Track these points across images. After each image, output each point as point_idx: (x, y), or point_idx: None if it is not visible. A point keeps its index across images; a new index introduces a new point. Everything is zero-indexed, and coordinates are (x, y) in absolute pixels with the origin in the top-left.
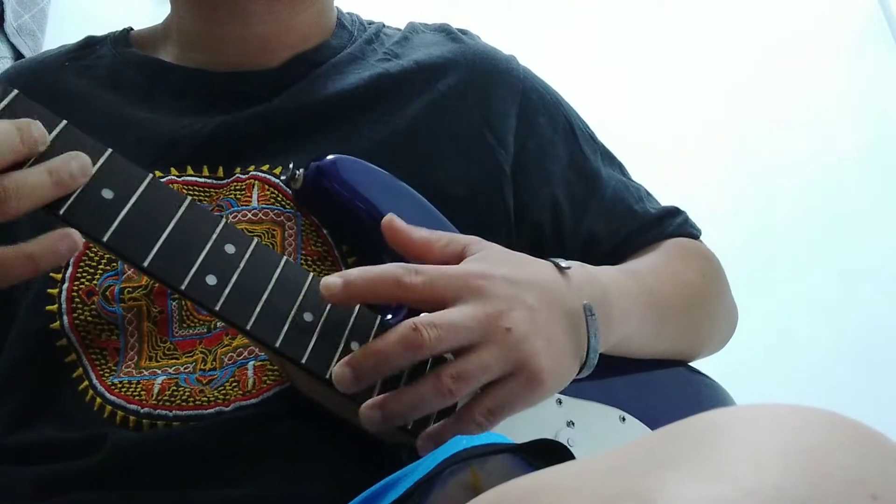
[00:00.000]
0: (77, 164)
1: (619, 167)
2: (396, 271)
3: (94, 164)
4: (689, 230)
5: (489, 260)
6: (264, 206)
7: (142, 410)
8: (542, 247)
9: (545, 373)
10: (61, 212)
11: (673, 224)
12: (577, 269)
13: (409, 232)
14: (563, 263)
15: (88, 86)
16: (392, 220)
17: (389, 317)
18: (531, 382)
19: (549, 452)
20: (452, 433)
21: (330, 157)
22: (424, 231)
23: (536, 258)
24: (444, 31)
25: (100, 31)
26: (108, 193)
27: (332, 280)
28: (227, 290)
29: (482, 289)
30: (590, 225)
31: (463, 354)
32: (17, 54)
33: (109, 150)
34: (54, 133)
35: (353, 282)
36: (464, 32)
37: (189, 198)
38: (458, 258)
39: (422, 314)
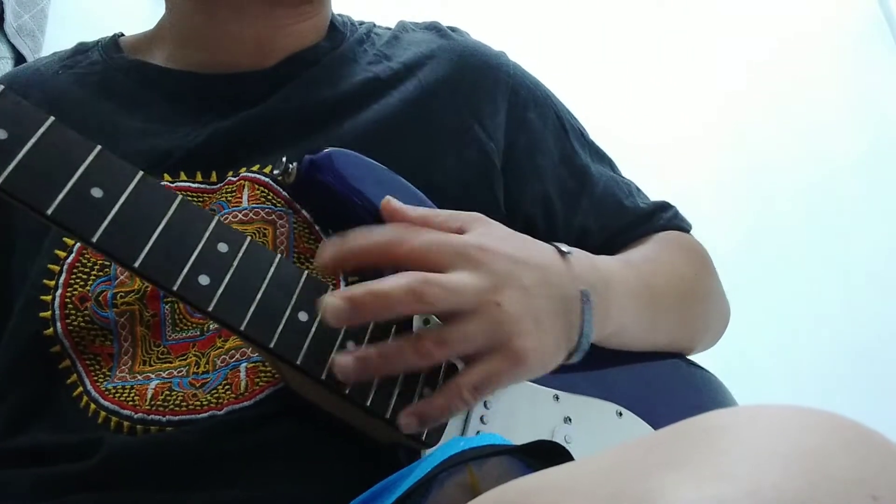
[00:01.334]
0: None
1: (609, 163)
2: (391, 234)
3: (82, 161)
4: (679, 223)
5: (490, 235)
6: (255, 205)
7: (135, 416)
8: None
9: (528, 351)
10: (49, 211)
11: (663, 218)
12: (579, 255)
13: (406, 211)
14: (565, 248)
15: (82, 94)
16: (389, 200)
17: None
18: (514, 361)
19: (547, 454)
20: (438, 409)
21: (325, 150)
22: (422, 209)
23: (538, 240)
24: (434, 28)
25: (99, 32)
26: (97, 192)
27: (324, 249)
28: (220, 291)
29: (479, 261)
30: (581, 221)
31: (449, 321)
32: (17, 54)
33: (98, 148)
34: (41, 131)
35: (345, 245)
36: (453, 30)
37: (180, 195)
38: (457, 233)
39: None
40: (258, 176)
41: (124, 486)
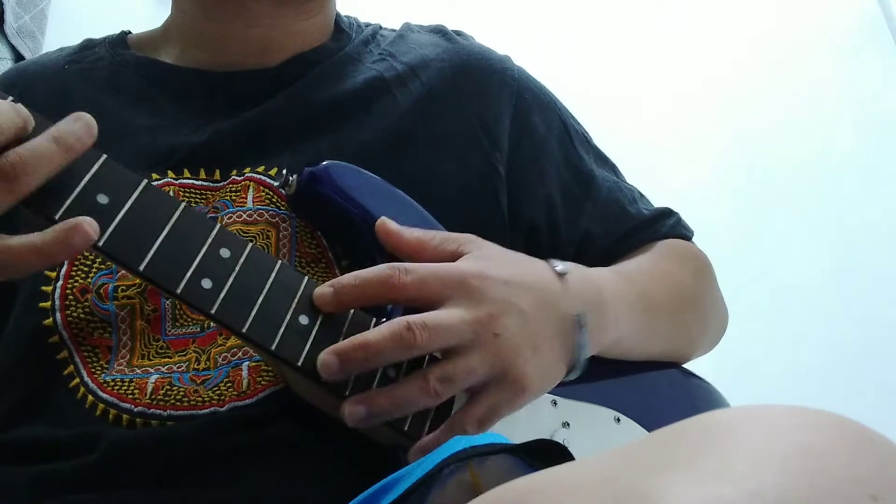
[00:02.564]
0: (81, 124)
1: (613, 168)
2: (385, 272)
3: (88, 169)
4: (681, 231)
5: (485, 259)
6: (259, 207)
7: (135, 409)
8: (538, 246)
9: (528, 379)
10: (57, 216)
11: (666, 225)
12: (573, 271)
13: (401, 233)
14: (560, 267)
15: (88, 90)
16: (385, 222)
17: (384, 320)
18: (515, 388)
19: (548, 452)
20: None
21: (324, 162)
22: (418, 231)
23: (533, 258)
24: (439, 32)
25: (100, 33)
26: (103, 199)
27: (323, 289)
28: (222, 294)
29: (476, 290)
30: (585, 226)
31: (450, 356)
32: (17, 55)
33: (104, 156)
34: None
35: (342, 288)
36: (458, 34)
37: (184, 202)
38: (452, 257)
39: (415, 314)
40: (263, 178)
41: (124, 484)
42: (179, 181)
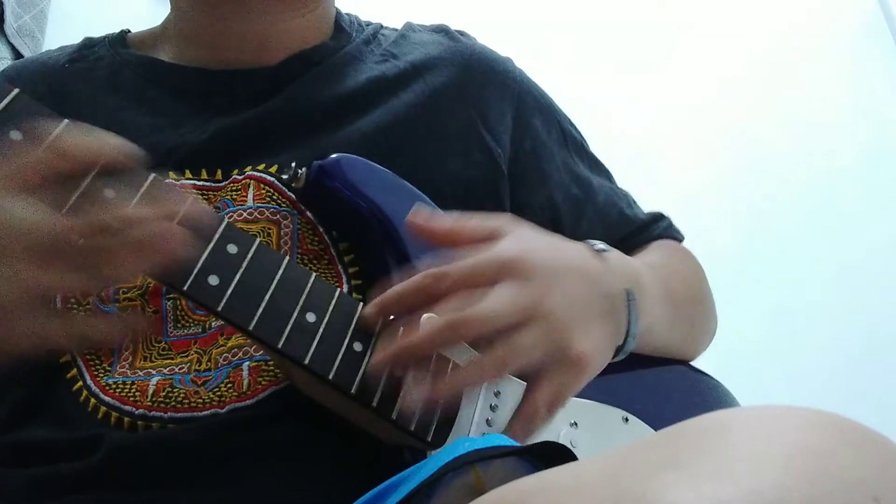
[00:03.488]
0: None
1: (607, 175)
2: (423, 282)
3: (95, 164)
4: (673, 234)
5: (525, 241)
6: (259, 205)
7: (136, 412)
8: None
9: (588, 355)
10: (62, 212)
11: (660, 228)
12: (613, 251)
13: (432, 225)
14: (600, 246)
15: (88, 89)
16: (416, 215)
17: (392, 317)
18: (578, 367)
19: (552, 455)
20: (526, 431)
21: (333, 156)
22: (450, 219)
23: (570, 240)
24: (442, 31)
25: (99, 33)
26: (110, 193)
27: (368, 311)
28: (229, 291)
29: (522, 271)
30: (586, 229)
31: (504, 336)
32: (17, 55)
33: None
34: (55, 133)
35: (386, 306)
36: (461, 33)
37: (191, 197)
38: (490, 237)
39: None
40: (264, 175)
41: (124, 486)
42: (181, 182)
